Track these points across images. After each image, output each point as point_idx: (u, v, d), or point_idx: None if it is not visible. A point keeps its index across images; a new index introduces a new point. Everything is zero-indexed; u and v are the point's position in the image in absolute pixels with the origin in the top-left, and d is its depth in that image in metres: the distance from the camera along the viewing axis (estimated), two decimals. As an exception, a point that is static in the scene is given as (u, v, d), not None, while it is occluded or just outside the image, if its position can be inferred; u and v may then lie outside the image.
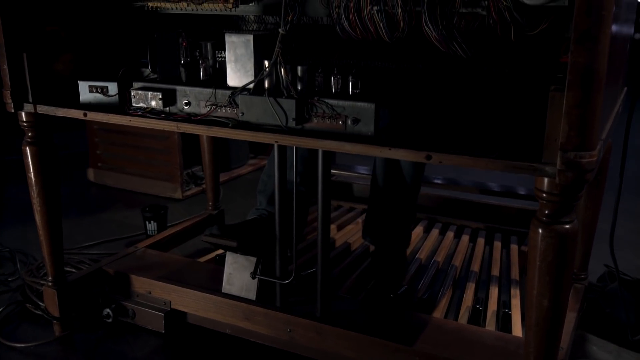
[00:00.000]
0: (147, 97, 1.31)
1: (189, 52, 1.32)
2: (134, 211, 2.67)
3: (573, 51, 0.88)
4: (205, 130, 1.25)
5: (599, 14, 0.86)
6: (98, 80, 1.43)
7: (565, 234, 0.98)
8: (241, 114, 1.21)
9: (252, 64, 1.23)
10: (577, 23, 0.87)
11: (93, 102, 1.42)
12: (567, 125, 0.91)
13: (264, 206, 1.75)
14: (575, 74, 0.89)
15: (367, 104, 1.11)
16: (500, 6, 1.09)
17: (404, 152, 1.07)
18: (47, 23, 1.48)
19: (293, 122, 1.16)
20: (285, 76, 1.18)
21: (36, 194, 1.53)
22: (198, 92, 1.27)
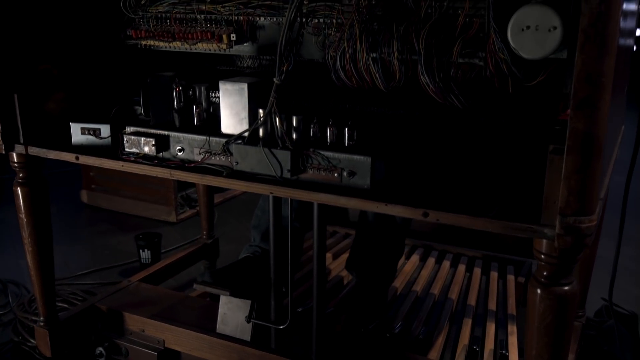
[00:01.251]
0: (140, 142, 1.29)
1: (183, 97, 1.30)
2: (128, 236, 2.65)
3: (572, 117, 0.87)
4: (199, 179, 1.24)
5: (599, 80, 0.84)
6: (90, 120, 1.41)
7: (564, 296, 0.97)
8: (235, 163, 1.19)
9: (247, 112, 1.21)
10: (577, 90, 0.85)
11: (85, 144, 1.40)
12: (566, 190, 0.89)
13: (257, 242, 1.73)
14: (575, 140, 0.87)
15: (363, 158, 1.10)
16: (497, 59, 1.08)
17: (400, 209, 1.05)
18: (39, 61, 1.46)
19: (288, 174, 1.15)
20: (280, 126, 1.16)
21: (27, 235, 1.51)
22: (191, 139, 1.25)
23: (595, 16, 0.82)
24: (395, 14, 1.14)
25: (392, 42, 1.12)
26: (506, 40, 1.04)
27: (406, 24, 1.12)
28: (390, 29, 1.13)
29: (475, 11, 1.09)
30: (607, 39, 0.83)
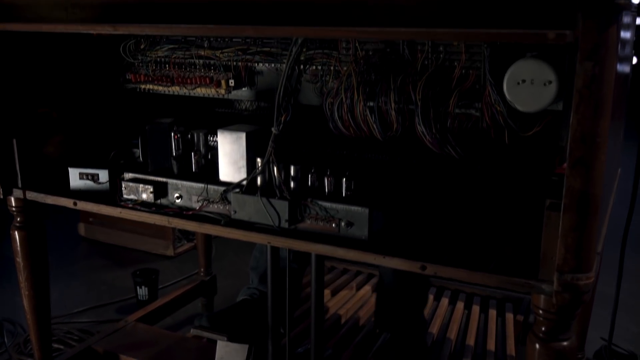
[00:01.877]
0: (138, 189, 1.29)
1: (181, 144, 1.31)
2: (125, 271, 2.64)
3: (568, 175, 0.87)
4: (197, 227, 1.24)
5: (594, 140, 0.85)
6: (89, 165, 1.42)
7: (562, 352, 0.97)
8: (233, 211, 1.20)
9: (245, 161, 1.22)
10: (572, 149, 0.86)
11: (83, 189, 1.40)
12: (563, 247, 0.90)
13: (255, 285, 1.73)
14: (571, 198, 0.88)
15: (361, 209, 1.10)
16: (493, 110, 1.09)
17: (398, 261, 1.05)
18: (38, 105, 1.47)
19: (286, 223, 1.15)
20: (278, 175, 1.17)
21: (24, 279, 1.51)
22: (190, 186, 1.26)
23: (590, 78, 0.83)
24: (392, 64, 1.16)
25: (390, 93, 1.13)
26: (502, 93, 1.05)
27: (403, 75, 1.13)
28: (388, 80, 1.14)
29: (471, 63, 1.11)
30: (601, 100, 0.84)
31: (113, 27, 1.03)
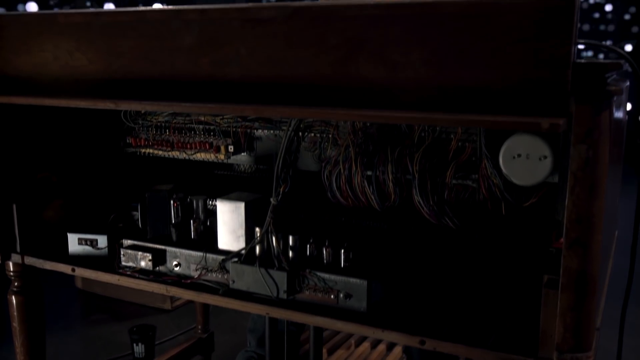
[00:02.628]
0: (137, 257, 1.29)
1: (180, 211, 1.32)
2: (122, 325, 2.62)
3: (565, 255, 0.88)
4: (195, 296, 1.23)
5: (590, 221, 0.86)
6: (88, 229, 1.42)
7: None
8: (232, 281, 1.19)
9: (244, 230, 1.22)
10: (568, 230, 0.87)
11: (82, 254, 1.41)
12: (562, 326, 0.90)
13: (253, 348, 1.71)
14: (569, 278, 0.88)
15: (360, 281, 1.10)
16: (490, 182, 1.10)
17: (397, 335, 1.05)
18: (38, 170, 1.48)
19: (284, 294, 1.15)
20: (277, 245, 1.17)
21: (20, 344, 1.49)
22: (188, 254, 1.26)
23: (584, 161, 0.84)
24: (389, 136, 1.17)
25: (387, 164, 1.15)
26: (498, 166, 1.06)
27: (400, 147, 1.15)
28: (385, 151, 1.15)
29: (468, 136, 1.12)
30: (596, 182, 0.85)
31: (115, 104, 1.05)
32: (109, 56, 1.09)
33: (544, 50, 0.79)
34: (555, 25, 0.77)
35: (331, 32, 0.90)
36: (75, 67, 1.13)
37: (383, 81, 0.89)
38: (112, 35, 1.08)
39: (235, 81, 0.99)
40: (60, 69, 1.15)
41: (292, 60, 0.94)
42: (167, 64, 1.04)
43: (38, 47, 1.17)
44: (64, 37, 1.13)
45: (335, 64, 0.91)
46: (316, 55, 0.92)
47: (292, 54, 0.94)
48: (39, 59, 1.18)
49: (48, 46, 1.16)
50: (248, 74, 0.98)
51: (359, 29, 0.89)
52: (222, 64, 1.00)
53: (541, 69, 0.79)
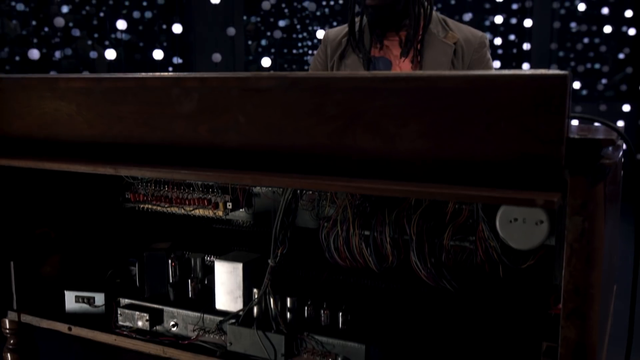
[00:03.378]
0: (134, 316, 1.29)
1: (178, 270, 1.32)
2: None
3: (563, 326, 0.88)
4: (192, 358, 1.22)
5: (587, 292, 0.86)
6: (85, 287, 1.42)
7: None
8: (229, 343, 1.19)
9: (241, 291, 1.22)
10: (566, 301, 0.87)
11: (79, 312, 1.40)
12: (561, 397, 0.89)
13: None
14: (567, 348, 0.88)
15: (358, 345, 1.09)
16: (487, 245, 1.11)
17: (395, 402, 1.04)
18: (36, 226, 1.48)
19: (282, 358, 1.14)
20: (275, 307, 1.17)
21: (14, 402, 1.47)
22: (185, 315, 1.25)
23: (580, 233, 0.85)
24: (386, 198, 1.18)
25: (385, 226, 1.15)
26: (495, 230, 1.07)
27: (398, 209, 1.15)
28: (383, 213, 1.16)
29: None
30: (593, 253, 0.85)
31: (114, 169, 1.06)
32: (109, 121, 1.11)
33: (538, 126, 0.80)
34: (549, 102, 0.79)
35: (329, 103, 0.92)
36: (75, 130, 1.15)
37: (380, 152, 0.90)
38: (112, 101, 1.10)
39: (234, 148, 1.00)
40: (60, 132, 1.16)
41: (290, 129, 0.95)
42: (167, 130, 1.06)
43: (39, 110, 1.19)
44: (65, 101, 1.15)
45: (333, 134, 0.92)
46: (314, 125, 0.93)
47: (290, 123, 0.95)
48: (39, 121, 1.19)
49: (49, 109, 1.17)
50: (246, 142, 0.99)
51: (357, 101, 0.90)
52: (221, 132, 1.01)
53: (535, 144, 0.80)
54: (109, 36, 4.85)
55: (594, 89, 6.26)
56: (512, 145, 0.82)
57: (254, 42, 5.50)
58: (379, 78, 0.89)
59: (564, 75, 0.78)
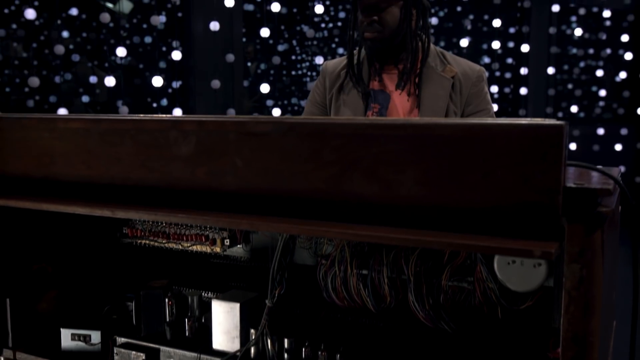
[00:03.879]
0: (130, 356, 1.28)
1: (175, 309, 1.31)
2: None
3: (562, 374, 0.87)
4: (189, 399, 1.21)
5: (586, 340, 0.86)
6: (81, 324, 1.41)
7: None
8: (226, 384, 1.18)
9: (238, 331, 1.21)
10: (564, 349, 0.86)
11: (75, 350, 1.39)
12: None
13: None
14: (567, 397, 0.87)
15: (356, 388, 1.09)
16: (485, 286, 1.11)
17: None
18: (33, 261, 1.47)
19: (279, 401, 1.13)
20: (272, 348, 1.16)
21: None
22: (182, 354, 1.25)
23: (578, 280, 0.84)
24: (384, 237, 1.18)
25: (383, 267, 1.15)
26: (493, 271, 1.06)
27: (395, 249, 1.15)
28: (380, 253, 1.16)
29: (462, 239, 1.13)
30: (591, 301, 0.85)
31: (111, 212, 1.06)
32: (107, 162, 1.11)
33: (534, 175, 0.80)
34: (545, 152, 0.79)
35: (326, 148, 0.92)
36: (73, 170, 1.15)
37: (377, 198, 0.90)
38: (110, 142, 1.10)
39: (231, 192, 1.00)
40: (58, 172, 1.16)
41: (287, 174, 0.96)
42: (164, 172, 1.06)
43: (37, 149, 1.19)
44: (63, 141, 1.15)
45: (330, 179, 0.92)
46: (311, 170, 0.93)
47: (288, 167, 0.95)
48: (37, 161, 1.19)
49: (47, 149, 1.17)
50: (244, 185, 0.99)
51: (354, 147, 0.90)
52: (219, 174, 1.01)
53: (532, 193, 0.81)
54: (108, 60, 4.87)
55: (592, 112, 6.29)
56: (509, 193, 0.82)
57: (254, 63, 5.54)
58: (376, 125, 0.89)
59: (560, 125, 0.78)
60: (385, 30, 1.83)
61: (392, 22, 1.83)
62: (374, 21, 1.82)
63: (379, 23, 1.82)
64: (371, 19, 1.82)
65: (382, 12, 1.82)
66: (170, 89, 4.73)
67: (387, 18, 1.82)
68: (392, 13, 1.82)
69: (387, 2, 1.81)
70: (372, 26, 1.83)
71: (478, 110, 1.91)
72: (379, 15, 1.82)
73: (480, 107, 1.91)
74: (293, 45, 5.65)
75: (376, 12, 1.82)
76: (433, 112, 1.87)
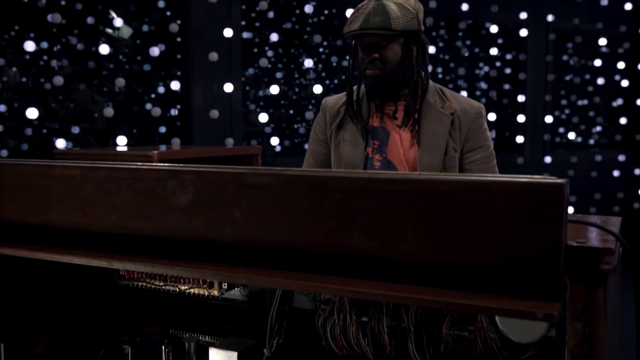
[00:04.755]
0: (126, 404, 1.26)
1: (172, 355, 1.29)
2: None
3: None
4: None
5: (590, 400, 0.84)
6: (77, 368, 1.39)
7: None
8: None
9: (236, 381, 1.20)
10: (568, 409, 0.85)
11: (69, 396, 1.37)
12: None
13: None
14: None
15: None
16: (486, 336, 1.09)
17: None
18: (28, 304, 1.46)
19: None
20: (270, 399, 1.14)
21: None
22: (179, 403, 1.23)
23: (581, 338, 0.83)
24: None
25: (382, 315, 1.14)
26: (494, 321, 1.05)
27: (395, 297, 1.14)
28: (380, 302, 1.14)
29: (462, 287, 1.12)
30: (594, 358, 0.84)
31: (108, 262, 1.05)
32: (104, 210, 1.10)
33: (535, 234, 0.79)
34: (546, 211, 0.78)
35: (325, 202, 0.91)
36: (70, 218, 1.14)
37: (376, 253, 0.89)
38: (107, 190, 1.09)
39: (229, 243, 0.99)
40: (54, 220, 1.15)
41: (286, 227, 0.95)
42: (162, 222, 1.05)
43: (34, 196, 1.18)
44: (60, 188, 1.14)
45: (329, 233, 0.91)
46: (310, 223, 0.93)
47: (286, 220, 0.95)
48: (34, 208, 1.18)
49: (43, 196, 1.16)
50: (242, 237, 0.98)
51: (353, 201, 0.89)
52: (216, 225, 1.00)
53: (533, 252, 0.80)
54: (107, 89, 4.89)
55: (589, 139, 6.31)
56: (509, 251, 0.81)
57: (252, 89, 5.56)
58: (375, 179, 0.88)
59: (560, 184, 0.78)
60: (386, 68, 1.84)
61: (394, 60, 1.83)
62: (375, 59, 1.83)
63: (380, 60, 1.83)
64: (372, 57, 1.83)
65: (383, 49, 1.82)
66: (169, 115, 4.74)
67: (388, 55, 1.83)
68: (393, 50, 1.83)
69: (388, 39, 1.81)
70: (374, 64, 1.83)
71: (477, 147, 1.90)
72: (380, 52, 1.82)
73: (479, 143, 1.91)
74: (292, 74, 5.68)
75: (377, 49, 1.82)
76: (433, 148, 1.87)
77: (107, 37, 4.55)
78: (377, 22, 1.77)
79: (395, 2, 1.80)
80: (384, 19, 1.77)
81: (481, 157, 1.91)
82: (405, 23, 1.79)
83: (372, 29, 1.78)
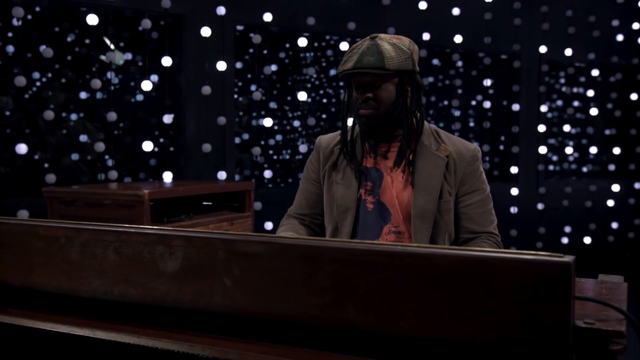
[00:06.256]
0: None
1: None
2: None
3: None
4: None
5: None
6: None
7: None
8: None
9: None
10: None
11: None
12: None
13: None
14: None
15: None
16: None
17: None
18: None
19: None
20: None
21: None
22: None
23: (590, 423, 0.79)
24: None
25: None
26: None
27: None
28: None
29: None
30: None
31: (92, 331, 1.00)
32: (88, 274, 1.05)
33: (540, 314, 0.75)
34: (552, 291, 0.74)
35: (321, 273, 0.87)
36: (53, 281, 1.09)
37: (373, 329, 0.84)
38: (92, 253, 1.05)
39: (219, 313, 0.95)
40: (37, 282, 1.11)
41: (278, 298, 0.90)
42: (149, 288, 1.00)
43: (16, 257, 1.13)
44: (44, 250, 1.10)
45: (324, 306, 0.87)
46: (304, 295, 0.88)
47: (279, 291, 0.90)
48: (17, 269, 1.13)
49: (26, 257, 1.12)
50: (232, 307, 0.94)
51: (350, 273, 0.86)
52: (206, 294, 0.96)
53: (538, 333, 0.76)
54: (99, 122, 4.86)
55: (583, 167, 6.31)
56: (513, 331, 0.77)
57: (245, 115, 5.53)
58: (373, 251, 0.84)
59: (567, 262, 0.74)
60: (380, 108, 1.81)
61: (388, 100, 1.80)
62: (369, 98, 1.80)
63: (374, 100, 1.80)
64: (366, 97, 1.80)
65: (377, 89, 1.79)
66: (162, 144, 4.71)
67: (383, 95, 1.80)
68: (387, 90, 1.80)
69: (381, 79, 1.78)
70: (368, 103, 1.80)
71: (473, 190, 1.87)
72: (374, 92, 1.79)
73: (475, 187, 1.87)
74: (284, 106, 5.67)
75: (371, 89, 1.79)
76: (427, 191, 1.83)
77: (100, 64, 4.53)
78: (371, 62, 1.75)
79: (389, 42, 1.77)
80: (378, 59, 1.74)
81: (477, 200, 1.87)
82: (399, 63, 1.76)
83: (365, 68, 1.75)
